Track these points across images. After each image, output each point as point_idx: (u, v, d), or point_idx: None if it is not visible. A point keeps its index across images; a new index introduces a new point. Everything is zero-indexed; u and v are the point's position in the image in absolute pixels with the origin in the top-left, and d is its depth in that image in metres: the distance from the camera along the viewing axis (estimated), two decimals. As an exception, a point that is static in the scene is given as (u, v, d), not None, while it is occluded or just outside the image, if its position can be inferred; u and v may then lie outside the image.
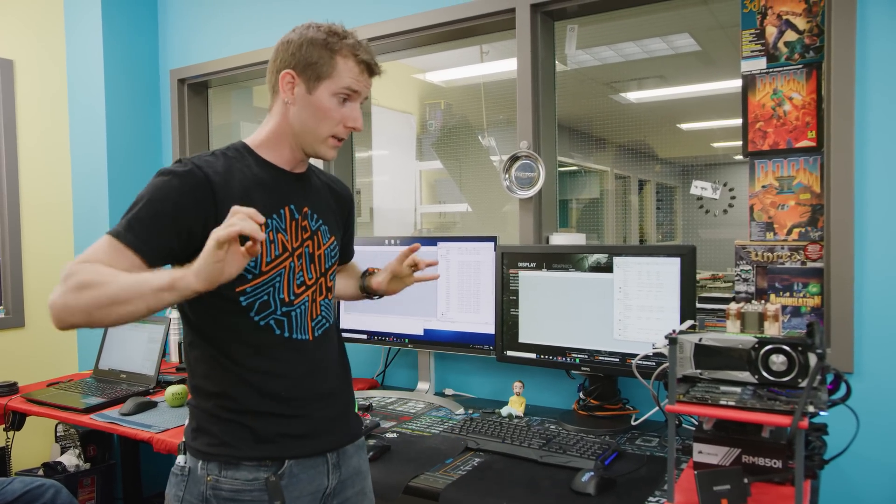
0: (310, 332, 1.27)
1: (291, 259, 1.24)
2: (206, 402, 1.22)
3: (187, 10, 3.13)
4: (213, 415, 1.21)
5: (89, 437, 2.78)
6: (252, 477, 1.18)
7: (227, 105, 3.33)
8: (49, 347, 3.13)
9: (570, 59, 2.36)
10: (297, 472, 1.22)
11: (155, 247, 1.11)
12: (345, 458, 1.32)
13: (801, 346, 1.15)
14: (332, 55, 1.22)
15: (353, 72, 1.23)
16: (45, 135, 3.12)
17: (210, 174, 1.16)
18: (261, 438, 1.20)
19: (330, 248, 1.34)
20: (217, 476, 1.18)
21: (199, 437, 1.21)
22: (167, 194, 1.13)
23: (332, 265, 1.36)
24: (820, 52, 1.76)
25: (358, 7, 2.58)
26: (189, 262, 1.03)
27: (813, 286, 1.78)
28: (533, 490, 1.42)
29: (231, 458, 1.18)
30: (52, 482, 2.03)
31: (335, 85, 1.22)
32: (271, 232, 1.21)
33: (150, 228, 1.11)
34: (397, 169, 2.82)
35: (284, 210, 1.24)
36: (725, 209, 2.07)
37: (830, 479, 1.68)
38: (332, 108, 1.23)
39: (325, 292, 1.32)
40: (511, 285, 1.99)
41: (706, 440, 1.30)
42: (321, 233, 1.32)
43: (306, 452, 1.24)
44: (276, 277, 1.22)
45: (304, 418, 1.24)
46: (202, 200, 1.14)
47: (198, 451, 1.20)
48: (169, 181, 1.14)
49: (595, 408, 1.90)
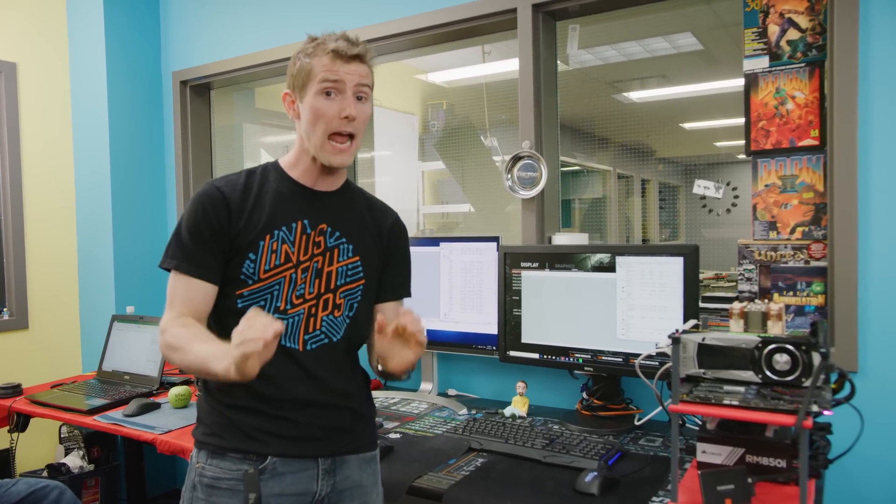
0: (300, 343, 1.27)
1: (294, 271, 1.27)
2: (205, 395, 1.31)
3: (189, 11, 3.14)
4: (208, 406, 1.29)
5: (93, 439, 2.79)
6: (235, 468, 1.23)
7: (230, 107, 3.34)
8: (53, 349, 3.14)
9: (572, 58, 2.36)
10: (282, 470, 1.24)
11: (209, 267, 1.25)
12: (342, 466, 1.30)
13: (805, 345, 1.15)
14: (310, 59, 1.26)
15: (324, 62, 1.24)
16: (48, 137, 3.13)
17: (226, 192, 1.27)
18: (246, 433, 1.24)
19: (348, 267, 1.33)
20: (204, 464, 1.26)
21: (198, 427, 1.31)
22: (195, 217, 1.26)
23: (349, 284, 1.33)
24: (822, 51, 1.75)
25: (359, 8, 2.58)
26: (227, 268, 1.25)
27: (816, 285, 1.77)
28: (536, 490, 1.41)
29: (218, 448, 1.25)
30: (56, 483, 2.03)
31: (314, 83, 1.25)
32: (275, 242, 1.26)
33: (197, 252, 1.25)
34: (400, 169, 2.82)
35: (296, 224, 1.28)
36: (729, 208, 2.07)
37: (835, 479, 1.67)
38: (321, 106, 1.24)
39: (333, 309, 1.31)
40: (514, 285, 1.99)
41: (710, 440, 1.30)
42: (339, 250, 1.32)
43: (291, 453, 1.25)
44: (275, 286, 1.26)
45: (290, 421, 1.25)
46: (220, 216, 1.25)
47: (196, 440, 1.30)
48: (194, 206, 1.26)
49: (598, 408, 1.90)
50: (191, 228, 1.25)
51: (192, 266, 1.24)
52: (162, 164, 3.26)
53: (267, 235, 1.25)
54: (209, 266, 1.24)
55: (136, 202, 3.14)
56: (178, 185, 3.20)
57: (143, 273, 3.15)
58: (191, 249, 1.24)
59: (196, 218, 1.25)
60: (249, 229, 1.25)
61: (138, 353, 2.55)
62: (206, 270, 1.24)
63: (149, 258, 3.18)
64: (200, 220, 1.24)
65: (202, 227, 1.24)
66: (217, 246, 1.24)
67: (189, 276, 1.23)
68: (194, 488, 1.25)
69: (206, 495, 1.23)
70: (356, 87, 1.26)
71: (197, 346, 1.16)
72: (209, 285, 1.25)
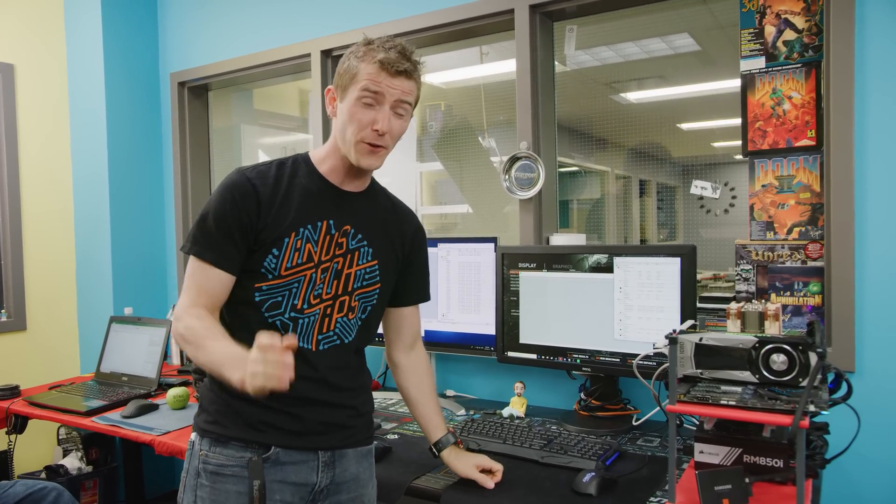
0: (313, 343, 1.28)
1: (314, 270, 1.27)
2: (209, 381, 1.31)
3: (187, 12, 3.14)
4: (211, 394, 1.30)
5: (91, 440, 2.78)
6: (238, 455, 1.25)
7: (228, 108, 3.34)
8: (51, 351, 3.14)
9: (570, 59, 2.36)
10: (284, 460, 1.26)
11: (230, 258, 1.24)
12: (341, 460, 1.32)
13: (802, 345, 1.15)
14: (358, 62, 1.24)
15: (370, 71, 1.22)
16: (46, 139, 3.13)
17: (258, 185, 1.25)
18: (250, 424, 1.25)
19: (366, 271, 1.34)
20: (207, 451, 1.27)
21: (200, 414, 1.31)
22: (223, 206, 1.24)
23: (365, 287, 1.34)
24: (819, 51, 1.76)
25: (357, 10, 2.58)
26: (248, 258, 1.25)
27: (813, 285, 1.78)
28: (534, 491, 1.42)
29: (221, 436, 1.26)
30: (54, 485, 2.03)
31: (357, 88, 1.23)
32: (300, 240, 1.26)
33: (220, 241, 1.24)
34: (398, 170, 2.82)
35: (322, 223, 1.28)
36: (726, 209, 2.07)
37: (832, 479, 1.68)
38: (357, 112, 1.23)
39: (347, 311, 1.32)
40: (512, 286, 1.99)
41: (707, 440, 1.30)
42: (359, 253, 1.33)
43: (293, 445, 1.26)
44: (294, 283, 1.26)
45: (294, 417, 1.26)
46: (249, 208, 1.24)
47: (198, 427, 1.30)
48: (223, 193, 1.25)
49: (596, 408, 1.90)
50: (217, 217, 1.23)
51: (214, 255, 1.23)
52: (160, 165, 3.26)
53: (292, 233, 1.25)
54: (230, 256, 1.23)
55: (134, 203, 3.14)
56: (175, 187, 3.20)
57: (141, 274, 3.15)
58: (214, 238, 1.23)
59: (224, 207, 1.23)
60: (276, 224, 1.24)
61: (136, 355, 2.55)
62: (227, 261, 1.23)
63: (147, 259, 3.18)
64: (228, 210, 1.23)
65: (229, 217, 1.23)
66: (242, 238, 1.23)
67: (209, 264, 1.23)
68: (198, 475, 1.26)
69: (210, 482, 1.25)
70: (395, 103, 1.25)
71: (211, 345, 1.17)
72: (228, 276, 1.24)
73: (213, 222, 1.24)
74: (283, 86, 3.18)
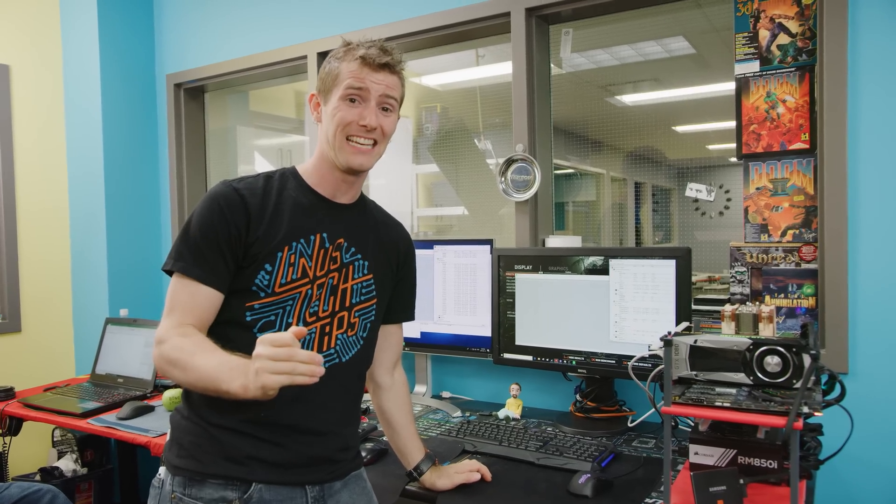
0: None
1: (310, 286, 1.21)
2: (186, 410, 1.21)
3: (183, 14, 3.13)
4: (188, 423, 1.19)
5: (86, 442, 2.78)
6: (217, 496, 1.14)
7: (224, 109, 3.33)
8: (46, 352, 3.13)
9: (565, 62, 2.37)
10: (268, 497, 1.16)
11: (218, 274, 1.16)
12: (330, 493, 1.25)
13: (796, 347, 1.16)
14: (339, 63, 1.22)
15: (352, 69, 1.20)
16: (41, 140, 3.12)
17: (246, 196, 1.19)
18: (229, 456, 1.15)
19: (362, 285, 1.29)
20: (181, 494, 1.15)
21: (171, 448, 1.20)
22: (210, 217, 1.17)
23: (363, 302, 1.29)
24: (812, 55, 1.77)
25: (353, 11, 2.58)
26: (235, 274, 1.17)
27: (807, 287, 1.79)
28: (530, 492, 1.42)
29: (196, 473, 1.15)
30: (49, 487, 2.03)
31: (340, 88, 1.21)
32: (293, 255, 1.19)
33: (208, 256, 1.16)
34: (394, 172, 2.82)
35: (315, 237, 1.22)
36: (721, 211, 2.08)
37: (826, 480, 1.68)
38: (342, 109, 1.20)
39: (347, 328, 1.26)
40: (507, 288, 2.00)
41: (702, 441, 1.30)
42: (354, 267, 1.27)
43: (276, 480, 1.17)
44: (289, 301, 1.19)
45: (279, 446, 1.18)
46: (238, 220, 1.17)
47: (168, 464, 1.19)
48: (209, 205, 1.18)
49: (592, 410, 1.90)
50: (203, 230, 1.15)
51: (201, 271, 1.14)
52: (156, 166, 3.26)
53: (286, 247, 1.18)
54: (219, 273, 1.15)
55: (129, 205, 3.13)
56: (171, 188, 3.19)
57: (136, 276, 3.14)
58: (201, 252, 1.14)
59: (211, 219, 1.15)
60: (268, 238, 1.17)
61: (132, 356, 2.55)
62: (215, 277, 1.15)
63: (143, 261, 3.17)
64: (216, 223, 1.15)
65: (217, 230, 1.15)
66: (230, 252, 1.15)
67: (196, 280, 1.14)
68: None
69: None
70: (381, 98, 1.22)
71: (201, 360, 1.06)
72: (217, 294, 1.16)
73: (199, 234, 1.15)
74: (280, 87, 3.18)
